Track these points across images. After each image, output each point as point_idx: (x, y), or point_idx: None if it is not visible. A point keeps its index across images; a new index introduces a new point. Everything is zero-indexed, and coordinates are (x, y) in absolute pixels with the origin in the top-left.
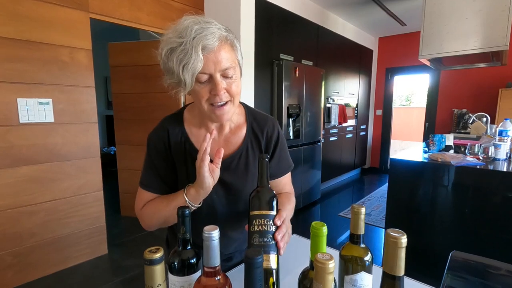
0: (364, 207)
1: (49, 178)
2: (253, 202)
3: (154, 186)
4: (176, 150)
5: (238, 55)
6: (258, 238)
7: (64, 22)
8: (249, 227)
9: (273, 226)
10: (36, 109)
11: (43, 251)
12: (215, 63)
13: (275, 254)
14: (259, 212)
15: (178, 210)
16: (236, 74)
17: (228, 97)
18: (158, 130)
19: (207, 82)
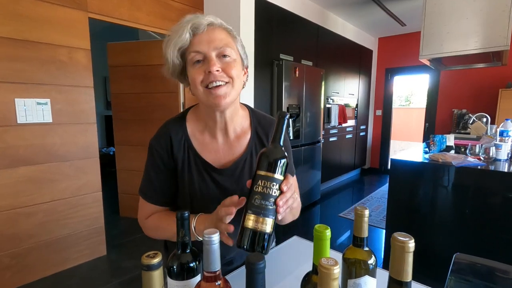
0: (367, 210)
1: (48, 179)
2: (261, 160)
3: (156, 198)
4: (178, 156)
5: (237, 44)
6: (259, 200)
7: (63, 22)
8: (252, 185)
9: (277, 191)
10: (34, 109)
11: (41, 253)
12: (209, 42)
13: (272, 219)
14: (266, 173)
15: (177, 213)
16: (234, 57)
17: (225, 77)
18: (160, 137)
19: (202, 63)
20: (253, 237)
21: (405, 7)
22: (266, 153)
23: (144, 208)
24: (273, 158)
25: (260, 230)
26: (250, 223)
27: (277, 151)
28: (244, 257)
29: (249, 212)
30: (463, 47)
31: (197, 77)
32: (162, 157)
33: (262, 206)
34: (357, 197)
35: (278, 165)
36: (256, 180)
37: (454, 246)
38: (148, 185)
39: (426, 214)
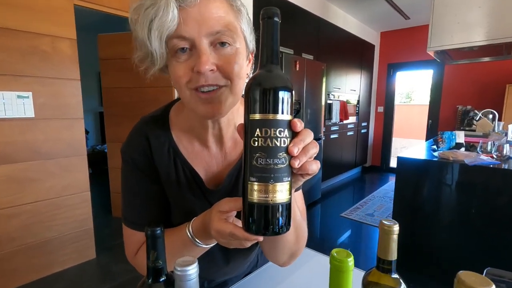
0: (397, 224)
1: (30, 178)
2: (251, 96)
3: (144, 221)
4: (163, 169)
5: (242, 22)
6: (263, 159)
7: (45, 9)
8: (248, 139)
9: (287, 138)
10: (15, 103)
11: (25, 257)
12: (199, 21)
13: (287, 182)
14: (263, 116)
15: (147, 230)
16: (236, 45)
17: (220, 78)
18: (133, 139)
19: (188, 55)
20: (264, 214)
21: None
22: (255, 83)
23: (131, 240)
24: (270, 89)
25: (273, 201)
26: (256, 195)
27: (273, 77)
28: (240, 277)
29: (252, 179)
30: (476, 38)
31: (181, 77)
32: (141, 165)
33: (269, 168)
34: (358, 196)
35: (280, 99)
36: (251, 130)
37: (465, 247)
38: (132, 207)
39: (436, 214)
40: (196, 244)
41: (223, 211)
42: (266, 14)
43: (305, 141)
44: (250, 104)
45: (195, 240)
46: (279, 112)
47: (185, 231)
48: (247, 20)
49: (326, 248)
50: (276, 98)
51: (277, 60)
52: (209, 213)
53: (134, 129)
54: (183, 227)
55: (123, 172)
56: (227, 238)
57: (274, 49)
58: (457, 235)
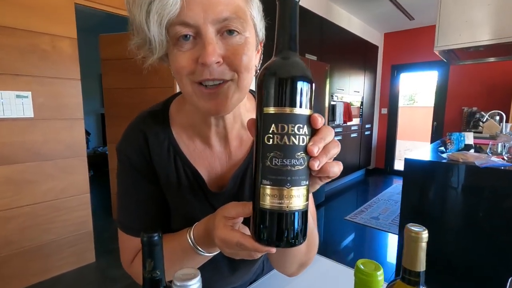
0: (426, 231)
1: (28, 180)
2: (266, 87)
3: (141, 226)
4: (162, 169)
5: (252, 8)
6: (279, 159)
7: (45, 7)
8: (260, 136)
9: (306, 136)
10: (13, 102)
11: (21, 260)
12: (205, 6)
13: (304, 186)
14: (279, 110)
15: (143, 236)
16: (246, 34)
17: (227, 72)
18: (130, 136)
19: (192, 44)
20: (278, 223)
21: None
22: (270, 71)
23: (127, 247)
24: (287, 78)
25: (289, 208)
26: (269, 201)
27: (291, 65)
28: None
29: (265, 182)
30: (484, 36)
31: (183, 68)
32: (138, 165)
33: (285, 169)
34: (362, 199)
35: (299, 90)
36: (264, 125)
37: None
38: (128, 210)
39: (445, 217)
40: (198, 252)
41: (229, 217)
42: None
43: (325, 140)
44: (264, 96)
45: (197, 248)
46: (297, 106)
47: (185, 237)
48: (258, 5)
49: (330, 252)
50: (294, 89)
51: (295, 46)
52: (213, 218)
53: (130, 125)
54: (184, 233)
55: (118, 172)
56: (234, 248)
57: (292, 33)
58: (466, 238)
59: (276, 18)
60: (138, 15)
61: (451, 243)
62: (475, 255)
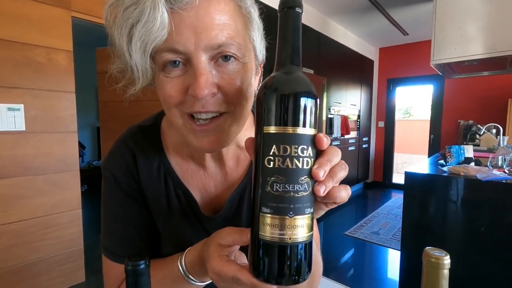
0: (448, 256)
1: (17, 195)
2: (267, 105)
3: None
4: (151, 190)
5: (252, 29)
6: (281, 184)
7: (41, 20)
8: (259, 159)
9: (311, 158)
10: (5, 115)
11: (7, 281)
12: (196, 30)
13: (309, 215)
14: (281, 129)
15: (127, 264)
16: (244, 60)
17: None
18: (117, 155)
19: (181, 71)
20: (280, 257)
21: (408, 15)
22: (272, 87)
23: (112, 275)
24: (290, 95)
25: (292, 240)
26: (270, 231)
27: (294, 80)
28: None
29: (265, 210)
30: (480, 50)
31: (171, 97)
32: (125, 185)
33: (288, 196)
34: (361, 213)
35: (303, 108)
36: (265, 146)
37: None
38: (112, 235)
39: (447, 232)
40: (189, 282)
41: (225, 244)
42: (287, 3)
43: (332, 162)
44: (264, 114)
45: (188, 277)
46: (301, 125)
47: (176, 264)
48: (258, 25)
49: (331, 269)
50: (297, 107)
51: (298, 60)
52: (207, 245)
53: (118, 141)
54: (175, 260)
55: (103, 192)
56: (229, 283)
57: (294, 46)
58: (468, 253)
59: (277, 32)
60: (118, 39)
61: (453, 257)
62: (477, 270)
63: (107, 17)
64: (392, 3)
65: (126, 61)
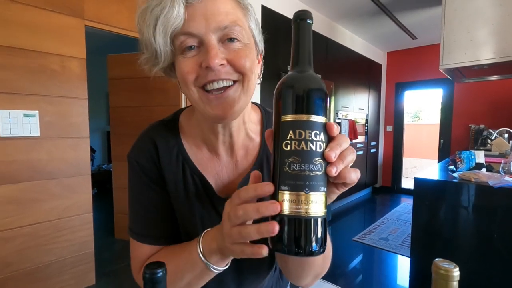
0: (457, 267)
1: (31, 199)
2: (283, 97)
3: (153, 234)
4: (171, 176)
5: (250, 20)
6: (297, 164)
7: (56, 29)
8: (278, 142)
9: (323, 143)
10: (21, 121)
11: (20, 283)
12: (207, 16)
13: (323, 192)
14: (296, 117)
15: (145, 272)
16: (245, 41)
17: (233, 73)
18: (141, 145)
19: (196, 52)
20: (297, 230)
21: (417, 19)
22: (288, 83)
23: (137, 254)
24: (304, 89)
25: (307, 214)
26: (288, 207)
27: (307, 78)
28: None
29: (283, 188)
30: (490, 55)
31: (188, 73)
32: (148, 170)
33: (303, 174)
34: (370, 219)
35: (315, 100)
36: (282, 132)
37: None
38: (139, 217)
39: (457, 239)
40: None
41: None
42: (299, 16)
43: (342, 146)
44: (282, 106)
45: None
46: (314, 113)
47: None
48: (255, 19)
49: (339, 275)
50: (311, 99)
51: (310, 62)
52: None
53: (141, 134)
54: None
55: (129, 179)
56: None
57: (307, 50)
58: (479, 261)
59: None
60: (146, 32)
61: (464, 264)
62: (489, 278)
63: (138, 20)
64: (399, 7)
65: (152, 47)
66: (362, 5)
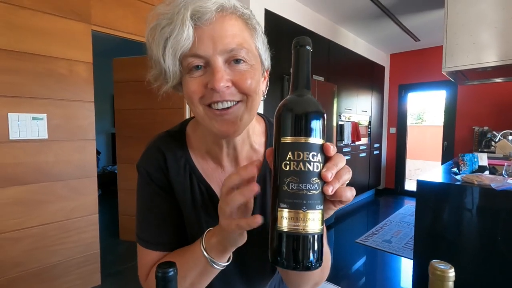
0: (452, 268)
1: (38, 200)
2: (283, 120)
3: (160, 241)
4: (178, 185)
5: (257, 40)
6: (295, 184)
7: (63, 34)
8: (278, 163)
9: (320, 163)
10: (29, 124)
11: (28, 283)
12: (214, 39)
13: (319, 210)
14: (295, 139)
15: (157, 271)
16: (251, 62)
17: (237, 95)
18: (150, 154)
19: (203, 72)
20: (295, 245)
21: (419, 21)
22: (288, 107)
23: (144, 261)
24: (302, 113)
25: (304, 231)
26: (286, 224)
27: (305, 101)
28: None
29: (282, 206)
30: (492, 58)
31: (194, 92)
32: (157, 180)
33: (301, 194)
34: (373, 221)
35: (313, 123)
36: (281, 153)
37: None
38: (146, 224)
39: (460, 242)
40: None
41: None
42: (299, 43)
43: (338, 166)
44: (281, 127)
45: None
46: (312, 136)
47: (198, 245)
48: (262, 38)
49: (342, 277)
50: (309, 122)
51: (308, 85)
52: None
53: (150, 144)
54: (197, 242)
55: (138, 187)
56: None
57: (306, 75)
58: (483, 263)
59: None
60: (156, 50)
61: (467, 267)
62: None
63: (148, 37)
64: (402, 10)
65: (161, 66)
66: (364, 8)
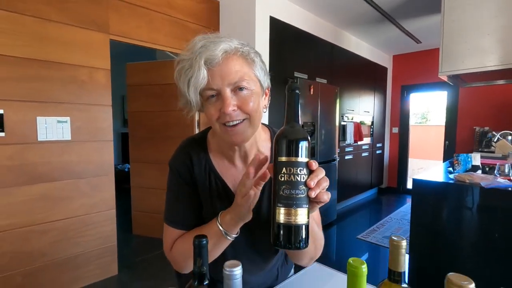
0: (405, 240)
1: (63, 196)
2: (280, 144)
3: (183, 222)
4: (200, 180)
5: (255, 69)
6: (288, 190)
7: (85, 44)
8: (276, 174)
9: (305, 175)
10: (55, 127)
11: (53, 272)
12: (222, 76)
13: (305, 208)
14: (288, 158)
15: (194, 240)
16: (252, 88)
17: (241, 114)
18: (179, 155)
19: (216, 99)
20: (288, 232)
21: (420, 25)
22: (283, 135)
23: (169, 237)
24: (293, 140)
25: (295, 223)
26: (282, 218)
27: (295, 131)
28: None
29: (279, 205)
30: (486, 63)
31: (213, 114)
32: (184, 175)
33: (292, 196)
34: (375, 218)
35: (300, 147)
36: (278, 168)
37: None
38: (173, 208)
39: (454, 238)
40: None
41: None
42: (290, 88)
43: (318, 177)
44: (278, 150)
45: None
46: (299, 156)
47: (215, 221)
48: (261, 65)
49: (343, 271)
50: (297, 146)
51: (298, 119)
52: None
53: (180, 147)
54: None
55: (169, 181)
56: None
57: (295, 111)
58: (478, 259)
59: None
60: (182, 87)
61: (462, 262)
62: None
63: (176, 76)
64: (403, 14)
65: (186, 98)
66: (366, 13)
